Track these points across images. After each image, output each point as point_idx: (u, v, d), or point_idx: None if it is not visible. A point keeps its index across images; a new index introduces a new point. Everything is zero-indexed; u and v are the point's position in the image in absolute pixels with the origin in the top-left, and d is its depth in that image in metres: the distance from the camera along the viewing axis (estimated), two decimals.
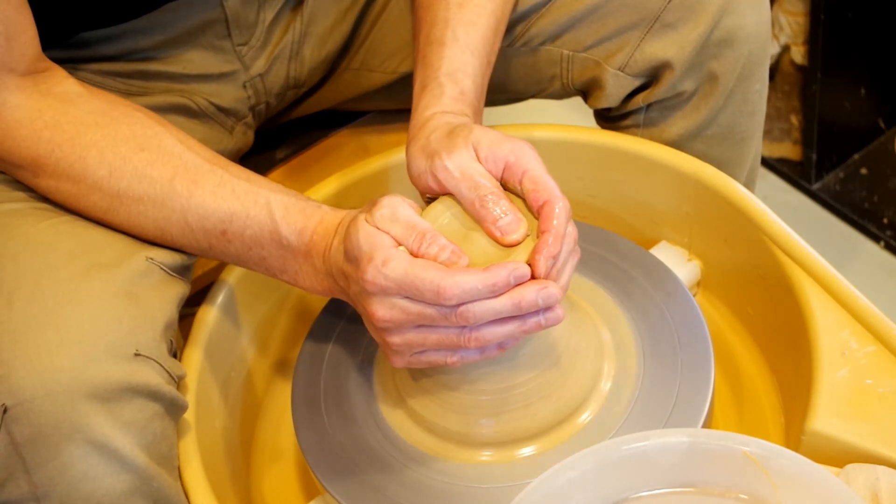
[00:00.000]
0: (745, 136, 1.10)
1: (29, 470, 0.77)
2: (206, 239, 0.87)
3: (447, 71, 0.93)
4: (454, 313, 0.78)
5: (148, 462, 0.80)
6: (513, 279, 0.78)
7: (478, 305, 0.78)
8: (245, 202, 0.86)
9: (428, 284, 0.77)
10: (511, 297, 0.78)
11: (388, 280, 0.78)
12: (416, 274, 0.78)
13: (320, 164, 1.20)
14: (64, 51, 1.00)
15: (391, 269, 0.78)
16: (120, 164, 0.86)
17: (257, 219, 0.86)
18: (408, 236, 0.80)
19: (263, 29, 1.07)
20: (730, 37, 1.02)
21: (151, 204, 0.86)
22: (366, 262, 0.79)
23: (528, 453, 0.87)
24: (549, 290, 0.79)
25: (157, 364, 0.81)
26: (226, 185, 0.87)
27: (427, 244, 0.80)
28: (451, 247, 0.80)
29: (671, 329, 0.93)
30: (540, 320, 0.80)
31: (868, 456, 0.81)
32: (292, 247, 0.86)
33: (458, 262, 0.79)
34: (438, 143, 0.86)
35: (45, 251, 0.83)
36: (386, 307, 0.79)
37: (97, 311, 0.79)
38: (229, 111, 1.09)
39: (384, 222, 0.80)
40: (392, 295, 0.79)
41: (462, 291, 0.77)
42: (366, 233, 0.80)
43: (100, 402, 0.77)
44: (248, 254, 0.88)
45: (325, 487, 0.89)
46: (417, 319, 0.79)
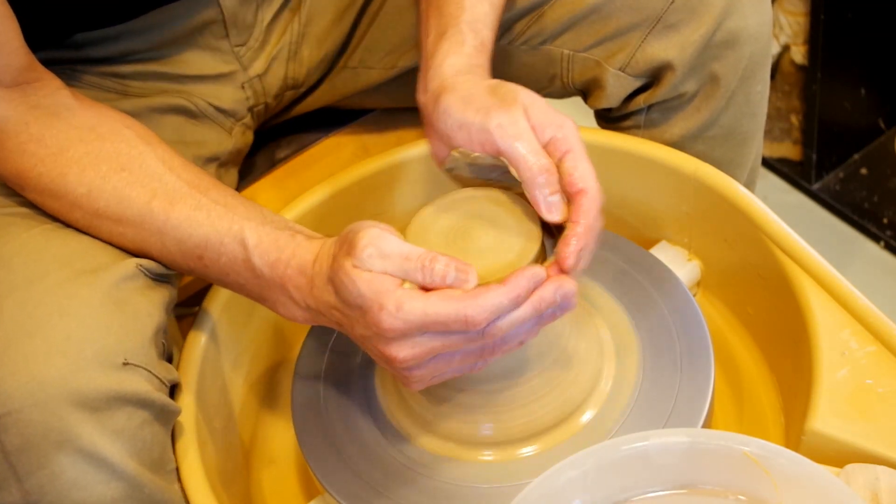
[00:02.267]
0: (746, 137, 1.10)
1: (20, 478, 0.77)
2: (184, 262, 0.86)
3: (468, 20, 0.89)
4: (481, 335, 0.77)
5: (139, 469, 0.80)
6: (533, 285, 0.77)
7: (503, 321, 0.77)
8: (219, 229, 0.84)
9: (454, 317, 0.75)
10: (532, 304, 0.77)
11: (409, 324, 0.76)
12: (436, 312, 0.75)
13: (320, 164, 1.20)
14: (61, 52, 1.00)
15: (408, 312, 0.75)
16: (100, 182, 0.85)
17: (230, 247, 0.84)
18: (406, 270, 0.77)
19: (261, 29, 1.07)
20: (732, 38, 1.02)
21: (130, 225, 0.85)
22: (377, 311, 0.76)
23: (528, 453, 0.87)
24: (566, 288, 0.78)
25: (146, 371, 0.81)
26: (202, 209, 0.85)
27: (430, 273, 0.77)
28: (454, 262, 0.77)
29: (671, 329, 0.93)
30: (556, 312, 0.79)
31: (868, 456, 0.81)
32: (265, 278, 0.83)
33: (468, 278, 0.77)
34: (486, 98, 0.83)
35: (36, 258, 0.82)
36: (407, 347, 0.77)
37: (85, 319, 0.79)
38: (228, 112, 1.09)
39: (374, 263, 0.76)
40: (414, 334, 0.77)
41: (490, 313, 0.76)
42: (364, 280, 0.76)
43: (88, 410, 0.77)
44: (225, 279, 0.86)
45: (325, 487, 0.89)
46: (441, 350, 0.78)
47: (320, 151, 1.22)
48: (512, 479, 0.86)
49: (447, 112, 0.83)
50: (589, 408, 0.89)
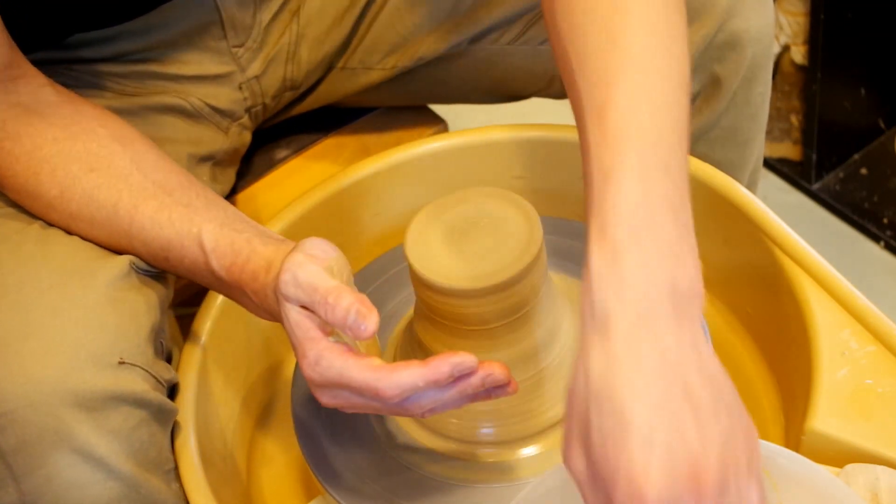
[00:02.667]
0: (747, 138, 1.10)
1: (17, 478, 0.77)
2: (155, 262, 0.86)
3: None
4: (397, 411, 0.77)
5: (135, 469, 0.80)
6: (457, 373, 0.75)
7: (423, 398, 0.76)
8: (180, 231, 0.83)
9: (364, 387, 0.75)
10: (458, 391, 0.76)
11: (325, 379, 0.76)
12: (350, 377, 0.75)
13: (320, 164, 1.20)
14: (58, 52, 1.00)
15: (324, 369, 0.76)
16: (70, 183, 0.84)
17: (191, 250, 0.83)
18: (313, 302, 0.76)
19: (260, 31, 1.07)
20: (734, 40, 1.01)
21: (101, 227, 0.85)
22: (300, 356, 0.77)
23: (528, 453, 0.87)
24: (496, 375, 0.76)
25: (142, 370, 0.81)
26: (164, 210, 0.84)
27: (332, 310, 0.75)
28: (357, 306, 0.74)
29: None
30: (491, 393, 0.79)
31: (868, 456, 0.81)
32: (224, 282, 0.83)
33: (366, 324, 0.74)
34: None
35: (28, 258, 0.82)
36: (328, 396, 0.78)
37: (80, 319, 0.78)
38: (224, 112, 1.09)
39: (289, 290, 0.76)
40: (331, 388, 0.77)
41: (402, 391, 0.74)
42: (293, 319, 0.77)
43: (84, 411, 0.77)
44: (194, 278, 0.86)
45: (325, 487, 0.89)
46: (361, 407, 0.78)
47: (320, 151, 1.22)
48: (512, 479, 0.86)
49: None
50: None
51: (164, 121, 1.04)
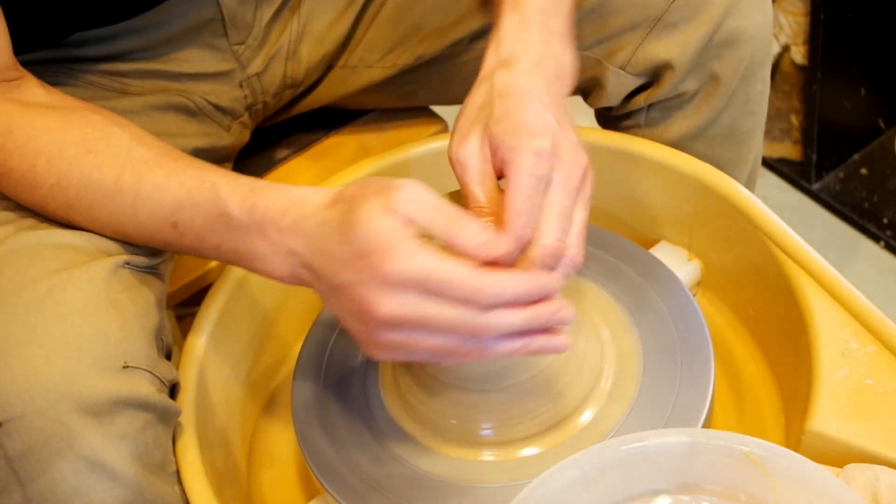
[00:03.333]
0: (746, 136, 1.10)
1: (22, 484, 0.77)
2: (160, 235, 0.84)
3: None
4: (473, 325, 0.74)
5: (141, 474, 0.79)
6: (542, 291, 0.75)
7: (497, 320, 0.74)
8: (191, 189, 0.81)
9: (465, 282, 0.72)
10: (531, 313, 0.75)
11: (416, 273, 0.72)
12: (449, 270, 0.72)
13: (320, 164, 1.20)
14: (59, 51, 1.00)
15: (420, 261, 0.72)
16: (67, 169, 0.83)
17: (204, 204, 0.81)
18: (432, 219, 0.73)
19: (260, 28, 1.07)
20: (732, 38, 1.02)
21: (102, 208, 0.83)
22: (387, 251, 0.72)
23: (528, 453, 0.87)
24: (563, 313, 0.76)
25: (147, 373, 0.80)
26: (171, 175, 0.82)
27: (457, 227, 0.73)
28: (488, 229, 0.74)
29: (671, 329, 0.93)
30: (543, 347, 0.77)
31: (868, 456, 0.81)
32: (243, 227, 0.80)
33: (498, 246, 0.74)
34: (485, 107, 0.82)
35: (28, 262, 0.81)
36: (397, 303, 0.73)
37: (82, 323, 0.78)
38: (226, 110, 1.09)
39: (406, 206, 0.73)
40: (410, 290, 0.73)
41: (501, 287, 0.73)
42: (385, 223, 0.72)
43: (90, 416, 0.76)
44: (201, 244, 0.83)
45: (325, 487, 0.89)
46: (427, 321, 0.74)
47: (320, 151, 1.22)
48: (512, 479, 0.86)
49: (465, 106, 0.85)
50: (589, 408, 0.89)
51: (168, 119, 1.04)
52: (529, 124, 0.80)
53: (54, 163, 0.83)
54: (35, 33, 0.88)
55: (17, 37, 0.87)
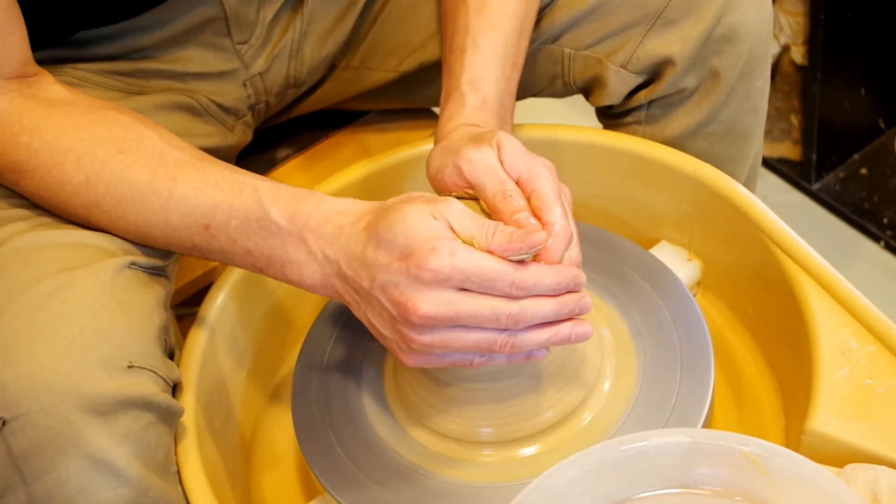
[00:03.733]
0: (746, 133, 1.10)
1: (27, 482, 0.77)
2: (188, 237, 0.85)
3: (468, 79, 0.92)
4: (508, 315, 0.77)
5: (144, 473, 0.80)
6: (573, 285, 0.79)
7: (531, 307, 0.78)
8: (229, 193, 0.83)
9: (504, 276, 0.77)
10: (558, 302, 0.79)
11: (456, 270, 0.76)
12: (489, 265, 0.76)
13: (320, 164, 1.21)
14: (63, 50, 1.00)
15: (461, 259, 0.76)
16: (97, 168, 0.84)
17: (243, 208, 0.83)
18: (480, 230, 0.78)
19: (263, 27, 1.07)
20: (732, 33, 1.02)
21: (131, 207, 0.84)
22: (427, 252, 0.76)
23: (528, 453, 0.87)
24: (586, 301, 0.80)
25: (151, 373, 0.80)
26: (208, 178, 0.84)
27: (499, 231, 0.78)
28: (521, 229, 0.78)
29: (671, 329, 0.93)
30: (571, 334, 0.80)
31: (868, 456, 0.81)
32: (283, 232, 0.82)
33: (533, 236, 0.77)
34: (462, 142, 0.85)
35: (35, 261, 0.81)
36: (435, 302, 0.77)
37: (88, 323, 0.78)
38: (230, 109, 1.09)
39: (454, 214, 0.78)
40: (450, 287, 0.77)
41: (535, 280, 0.77)
42: (426, 223, 0.77)
43: (95, 415, 0.77)
44: (232, 248, 0.84)
45: (325, 487, 0.89)
46: (464, 318, 0.77)
47: (320, 151, 1.22)
48: (512, 479, 0.86)
49: (430, 161, 0.87)
50: (589, 408, 0.89)
51: (173, 119, 1.04)
52: (525, 149, 0.85)
53: (83, 161, 0.84)
54: (40, 31, 0.88)
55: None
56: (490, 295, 0.77)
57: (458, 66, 0.93)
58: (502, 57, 0.94)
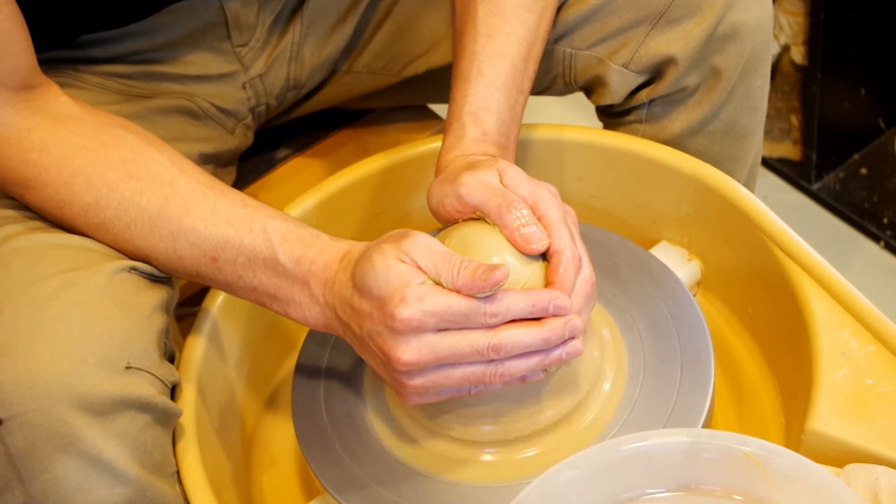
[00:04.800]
0: (746, 131, 1.10)
1: (24, 481, 0.77)
2: (194, 266, 0.86)
3: (470, 110, 0.92)
4: (487, 346, 0.78)
5: (141, 473, 0.80)
6: (552, 307, 0.79)
7: (510, 337, 0.78)
8: (239, 229, 0.84)
9: (471, 308, 0.77)
10: (542, 330, 0.79)
11: (430, 315, 0.77)
12: (459, 303, 0.77)
13: (320, 164, 1.21)
14: (64, 52, 1.00)
15: (430, 303, 0.77)
16: (107, 191, 0.84)
17: (252, 245, 0.84)
18: (438, 266, 0.78)
19: (263, 30, 1.07)
20: (733, 31, 1.02)
21: (139, 232, 0.84)
22: (397, 301, 0.77)
23: (528, 454, 0.87)
24: (574, 322, 0.80)
25: (148, 374, 0.81)
26: (219, 211, 0.85)
27: (463, 267, 0.78)
28: (485, 265, 0.78)
29: (671, 329, 0.93)
30: (561, 354, 0.81)
31: (868, 456, 0.81)
32: (289, 274, 0.83)
33: (500, 268, 0.77)
34: (459, 171, 0.85)
35: (37, 261, 0.82)
36: (414, 348, 0.78)
37: (87, 323, 0.78)
38: (230, 112, 1.09)
39: (418, 252, 0.78)
40: (426, 332, 0.77)
41: (507, 308, 0.78)
42: (395, 270, 0.77)
43: (92, 415, 0.77)
44: (238, 282, 0.86)
45: (325, 487, 0.89)
46: (447, 358, 0.78)
47: (320, 151, 1.22)
48: (512, 479, 0.86)
49: (430, 194, 0.87)
50: (589, 408, 0.89)
51: (173, 123, 1.04)
52: (527, 175, 0.86)
53: (93, 182, 0.84)
54: (42, 35, 0.88)
55: None
56: (468, 329, 0.78)
57: (462, 96, 0.93)
58: (508, 86, 0.94)
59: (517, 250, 0.82)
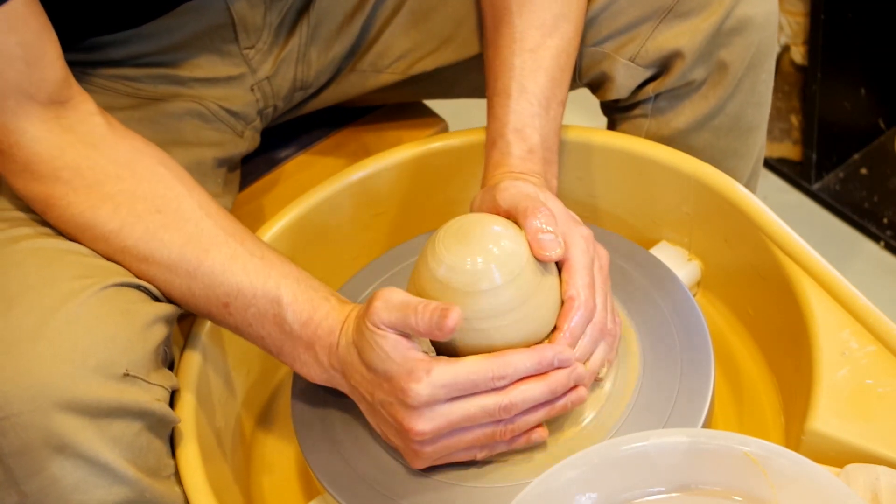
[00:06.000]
0: (751, 126, 1.10)
1: (18, 482, 0.77)
2: (206, 306, 0.87)
3: (514, 127, 0.93)
4: (498, 408, 0.79)
5: (138, 474, 0.80)
6: (557, 361, 0.81)
7: (519, 395, 0.79)
8: (254, 281, 0.85)
9: (483, 373, 0.78)
10: (547, 384, 0.80)
11: (440, 388, 0.78)
12: (467, 370, 0.79)
13: (320, 164, 1.20)
14: (71, 54, 1.00)
15: (438, 376, 0.78)
16: (133, 221, 0.85)
17: (264, 300, 0.85)
18: (405, 318, 0.79)
19: (270, 32, 1.07)
20: (741, 26, 1.02)
21: (156, 265, 0.85)
22: (406, 378, 0.78)
23: (529, 454, 0.87)
24: (579, 372, 0.82)
25: (146, 383, 0.81)
26: (237, 259, 0.86)
27: (420, 316, 0.78)
28: (439, 305, 0.78)
29: (671, 329, 0.93)
30: (566, 403, 0.83)
31: (868, 456, 0.81)
32: (294, 335, 0.85)
33: (450, 312, 0.77)
34: (503, 179, 0.88)
35: (50, 261, 0.82)
36: (427, 419, 0.79)
37: (92, 327, 0.79)
38: (239, 115, 1.09)
39: (381, 315, 0.79)
40: (439, 403, 0.79)
41: (514, 370, 0.79)
42: (390, 344, 0.79)
43: (87, 418, 0.77)
44: (247, 329, 0.87)
45: (325, 487, 0.89)
46: (460, 423, 0.80)
47: (321, 151, 1.22)
48: (512, 479, 0.86)
49: (472, 204, 0.89)
50: (589, 408, 0.88)
51: (186, 126, 1.04)
52: (568, 213, 0.88)
53: (120, 211, 0.85)
54: None
55: None
56: (477, 394, 0.79)
57: (504, 112, 0.94)
58: (549, 98, 0.95)
59: (532, 253, 0.83)
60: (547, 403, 0.82)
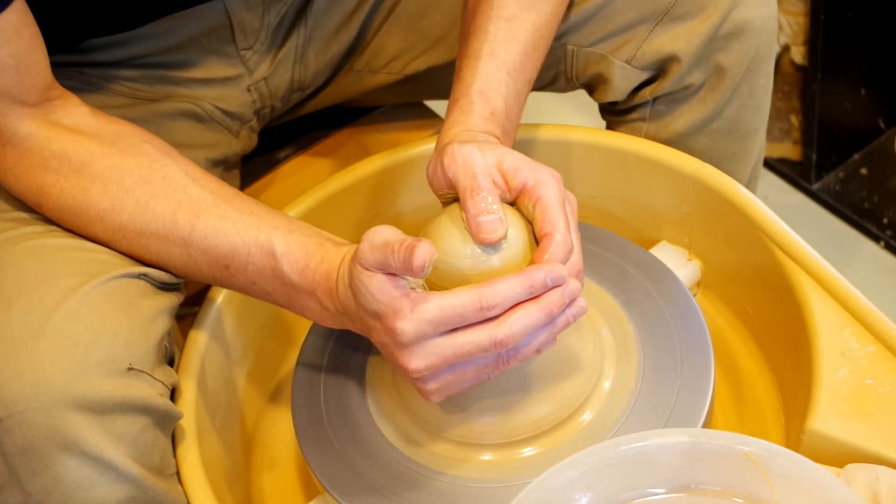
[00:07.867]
0: (749, 130, 1.10)
1: (21, 480, 0.77)
2: (209, 272, 0.87)
3: (479, 88, 0.91)
4: (493, 343, 0.77)
5: (142, 472, 0.80)
6: (550, 281, 0.77)
7: (514, 326, 0.76)
8: (246, 238, 0.85)
9: (469, 306, 0.76)
10: (542, 307, 0.77)
11: (425, 323, 0.76)
12: (453, 304, 0.76)
13: (320, 164, 1.21)
14: (69, 56, 1.00)
15: (423, 312, 0.76)
16: (122, 196, 0.85)
17: (259, 255, 0.85)
18: (386, 259, 0.76)
19: (268, 33, 1.07)
20: (738, 30, 1.02)
21: (154, 237, 0.86)
22: (392, 316, 0.77)
23: (528, 453, 0.87)
24: (572, 286, 0.78)
25: (149, 377, 0.81)
26: (228, 219, 0.85)
27: (397, 255, 0.76)
28: (411, 241, 0.76)
29: (671, 329, 0.93)
30: (568, 318, 0.80)
31: (868, 456, 0.81)
32: (294, 285, 0.84)
33: (416, 253, 0.74)
34: (454, 141, 0.84)
35: (49, 259, 0.82)
36: (420, 356, 0.78)
37: (93, 323, 0.79)
38: (235, 115, 1.09)
39: (367, 256, 0.77)
40: (429, 338, 0.77)
41: (504, 298, 0.76)
42: (375, 285, 0.77)
43: (92, 414, 0.77)
44: (252, 287, 0.87)
45: (325, 487, 0.89)
46: (454, 359, 0.78)
47: (320, 151, 1.22)
48: (512, 479, 0.86)
49: (427, 166, 0.86)
50: (589, 408, 0.89)
51: (179, 127, 1.04)
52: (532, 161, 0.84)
53: (109, 187, 0.85)
54: (47, 40, 0.88)
55: None
56: (470, 327, 0.77)
57: (471, 73, 0.91)
58: (518, 71, 0.93)
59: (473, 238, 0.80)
60: (547, 324, 0.79)
